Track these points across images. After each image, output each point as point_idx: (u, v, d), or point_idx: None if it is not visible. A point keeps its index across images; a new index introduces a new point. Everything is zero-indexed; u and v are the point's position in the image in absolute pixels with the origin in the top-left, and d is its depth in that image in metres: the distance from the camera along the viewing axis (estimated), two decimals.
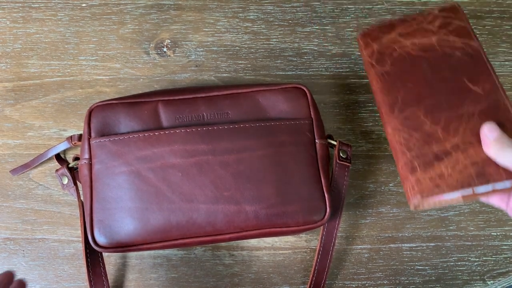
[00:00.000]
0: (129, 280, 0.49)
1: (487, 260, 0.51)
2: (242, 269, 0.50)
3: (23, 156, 0.51)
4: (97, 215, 0.42)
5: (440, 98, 0.40)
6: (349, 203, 0.52)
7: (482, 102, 0.39)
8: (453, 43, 0.42)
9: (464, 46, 0.42)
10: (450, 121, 0.39)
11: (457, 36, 0.42)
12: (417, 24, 0.44)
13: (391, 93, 0.42)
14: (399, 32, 0.44)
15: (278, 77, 0.53)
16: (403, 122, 0.41)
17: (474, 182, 0.36)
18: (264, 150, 0.43)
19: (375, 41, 0.45)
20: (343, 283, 0.50)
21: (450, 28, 0.43)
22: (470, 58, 0.41)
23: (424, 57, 0.42)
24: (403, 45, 0.43)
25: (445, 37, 0.42)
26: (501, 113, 0.38)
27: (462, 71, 0.41)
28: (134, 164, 0.42)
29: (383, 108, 0.43)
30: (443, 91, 0.40)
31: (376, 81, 0.44)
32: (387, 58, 0.43)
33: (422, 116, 0.40)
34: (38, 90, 0.52)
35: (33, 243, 0.50)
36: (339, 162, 0.47)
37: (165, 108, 0.44)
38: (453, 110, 0.39)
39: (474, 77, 0.40)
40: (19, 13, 0.53)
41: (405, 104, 0.41)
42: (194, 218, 0.42)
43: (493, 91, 0.39)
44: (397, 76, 0.43)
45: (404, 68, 0.43)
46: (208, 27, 0.54)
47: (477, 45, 0.42)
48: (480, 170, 0.37)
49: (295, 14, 0.55)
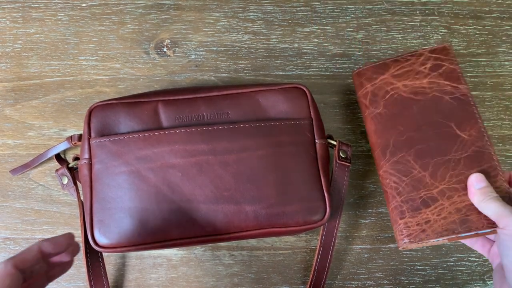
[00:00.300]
0: (129, 280, 0.49)
1: (487, 260, 0.51)
2: (242, 269, 0.50)
3: (23, 156, 0.51)
4: (97, 215, 0.42)
5: (429, 143, 0.42)
6: (349, 203, 0.52)
7: (468, 149, 0.42)
8: (443, 87, 0.44)
9: (453, 90, 0.44)
10: (438, 168, 0.42)
11: (447, 79, 0.44)
12: (410, 65, 0.45)
13: (383, 136, 0.44)
14: (392, 73, 0.46)
15: (278, 77, 0.53)
16: (394, 166, 0.43)
17: (457, 229, 0.39)
18: (264, 150, 0.43)
19: (369, 81, 0.46)
20: (343, 283, 0.50)
21: (441, 70, 0.44)
22: (458, 102, 0.43)
23: (415, 100, 0.44)
24: (395, 87, 0.45)
25: (435, 80, 0.44)
26: (485, 160, 0.41)
27: (450, 116, 0.43)
28: (134, 164, 0.42)
29: (375, 152, 0.45)
30: (432, 136, 0.43)
31: (370, 122, 0.46)
32: (380, 99, 0.45)
33: (412, 161, 0.42)
34: (38, 90, 0.52)
35: (33, 243, 0.49)
36: (339, 162, 0.47)
37: (165, 108, 0.44)
38: (440, 156, 0.42)
39: (461, 122, 0.43)
40: (19, 13, 0.53)
41: (396, 149, 0.43)
42: (194, 218, 0.42)
43: (479, 138, 0.42)
44: (389, 118, 0.45)
45: (396, 111, 0.44)
46: (208, 27, 0.54)
47: (465, 89, 0.44)
48: (463, 217, 0.39)
49: (295, 14, 0.55)
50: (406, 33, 0.55)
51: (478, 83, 0.54)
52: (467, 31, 0.55)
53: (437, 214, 0.40)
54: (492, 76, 0.54)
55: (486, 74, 0.54)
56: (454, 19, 0.55)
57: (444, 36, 0.55)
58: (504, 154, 0.53)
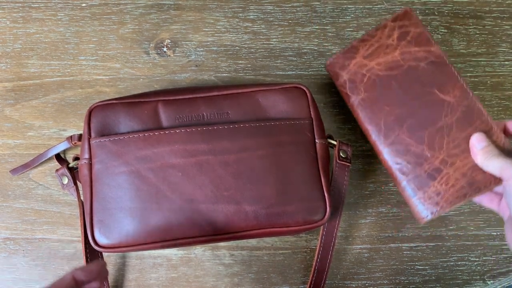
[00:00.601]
0: (129, 280, 0.49)
1: (487, 260, 0.51)
2: (242, 269, 0.50)
3: (23, 156, 0.51)
4: (97, 215, 0.42)
5: (418, 116, 0.42)
6: (349, 203, 0.52)
7: (456, 111, 0.42)
8: (415, 54, 0.43)
9: (426, 54, 0.43)
10: (433, 138, 0.42)
11: (417, 45, 0.43)
12: (377, 41, 0.45)
13: (373, 121, 0.44)
14: (363, 55, 0.45)
15: (278, 77, 0.53)
16: (391, 148, 0.43)
17: (468, 192, 0.40)
18: (264, 150, 0.43)
19: (343, 69, 0.46)
20: (343, 283, 0.50)
21: (408, 38, 0.44)
22: (434, 66, 0.43)
23: (392, 75, 0.44)
24: (370, 68, 0.44)
25: (406, 49, 0.44)
26: (476, 117, 0.41)
27: (430, 82, 0.42)
28: (134, 164, 0.42)
29: (370, 138, 0.45)
30: (419, 108, 0.42)
31: (356, 111, 0.45)
32: (359, 85, 0.45)
33: (407, 138, 0.42)
34: (38, 90, 0.52)
35: (33, 243, 0.50)
36: (339, 162, 0.47)
37: (165, 108, 0.44)
38: (432, 126, 0.42)
39: (443, 86, 0.42)
40: (19, 13, 0.53)
41: (389, 130, 0.43)
42: (194, 218, 0.42)
43: (464, 97, 0.42)
44: (373, 102, 0.44)
45: (377, 93, 0.44)
46: (208, 27, 0.54)
47: (438, 50, 0.43)
48: (470, 180, 0.40)
49: (295, 14, 0.55)
50: None
51: (478, 83, 0.54)
52: (467, 31, 0.55)
53: (445, 184, 0.41)
54: (492, 76, 0.54)
55: (486, 74, 0.54)
56: (454, 19, 0.55)
57: (444, 36, 0.55)
58: None
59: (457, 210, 0.52)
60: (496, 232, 0.52)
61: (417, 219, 0.42)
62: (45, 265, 0.49)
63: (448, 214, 0.52)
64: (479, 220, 0.52)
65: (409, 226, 0.51)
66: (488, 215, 0.52)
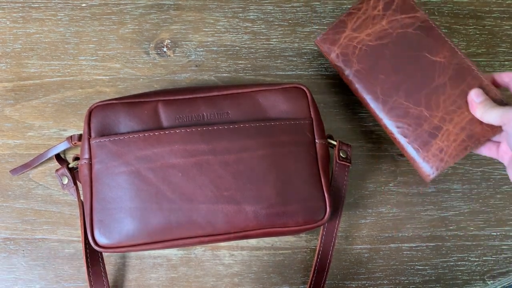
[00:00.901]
0: (129, 280, 0.49)
1: (487, 260, 0.51)
2: (242, 269, 0.50)
3: (23, 156, 0.51)
4: (97, 215, 0.42)
5: (413, 79, 0.45)
6: (349, 203, 0.52)
7: (448, 70, 0.44)
8: (402, 21, 0.46)
9: (413, 20, 0.46)
10: (430, 98, 0.44)
11: (403, 13, 0.46)
12: (364, 13, 0.47)
13: (370, 90, 0.46)
14: (352, 28, 0.47)
15: (278, 77, 0.53)
16: (391, 113, 0.45)
17: (469, 145, 0.43)
18: (264, 150, 0.43)
19: (334, 44, 0.47)
20: (343, 283, 0.50)
21: (394, 6, 0.47)
22: (422, 30, 0.46)
23: (383, 44, 0.46)
24: (360, 40, 0.47)
25: (393, 18, 0.46)
26: (466, 73, 0.44)
27: (420, 46, 0.45)
28: (134, 164, 0.42)
29: (370, 107, 0.46)
30: (413, 72, 0.45)
31: (351, 83, 0.47)
32: (351, 57, 0.47)
33: (405, 102, 0.45)
34: (38, 90, 0.52)
35: (33, 243, 0.50)
36: (339, 162, 0.47)
37: (165, 108, 0.44)
38: (427, 87, 0.45)
39: (432, 48, 0.45)
40: (19, 13, 0.53)
41: (386, 96, 0.45)
42: (194, 218, 0.42)
43: (454, 56, 0.45)
44: (368, 72, 0.46)
45: (371, 63, 0.46)
46: (208, 27, 0.54)
47: (423, 15, 0.46)
48: (469, 132, 0.43)
49: (295, 14, 0.55)
50: None
51: None
52: (467, 31, 0.55)
53: (446, 140, 0.44)
54: None
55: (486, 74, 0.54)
56: (454, 19, 0.55)
57: None
58: None
59: (457, 210, 0.52)
60: (496, 232, 0.52)
61: (424, 178, 0.44)
62: (45, 265, 0.49)
63: (448, 214, 0.52)
64: (479, 220, 0.52)
65: (409, 226, 0.51)
66: (488, 216, 0.52)
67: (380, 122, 0.46)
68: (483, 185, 0.52)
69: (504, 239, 0.52)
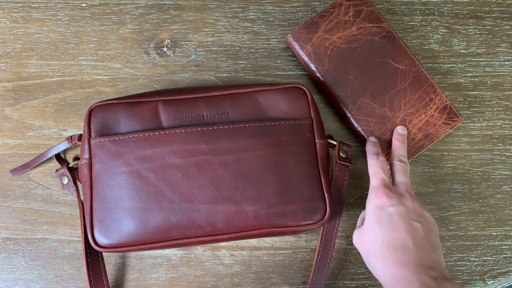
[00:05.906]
0: (129, 280, 0.49)
1: (487, 260, 0.51)
2: (242, 269, 0.50)
3: (23, 156, 0.51)
4: (97, 215, 0.42)
5: (378, 83, 0.50)
6: (349, 203, 0.52)
7: (408, 76, 0.50)
8: (370, 29, 0.51)
9: (379, 30, 0.51)
10: (393, 100, 0.50)
11: (370, 22, 0.51)
12: (336, 17, 0.50)
13: (340, 89, 0.50)
14: (324, 29, 0.50)
15: (278, 77, 0.53)
16: (359, 112, 0.50)
17: (425, 144, 0.50)
18: (264, 150, 0.43)
19: (307, 42, 0.50)
20: (343, 283, 0.50)
21: (362, 15, 0.51)
22: (386, 40, 0.51)
23: (352, 48, 0.51)
24: (332, 42, 0.50)
25: (362, 25, 0.51)
26: (423, 81, 0.50)
27: (385, 54, 0.50)
28: (134, 164, 0.42)
29: (339, 105, 0.50)
30: (378, 76, 0.50)
31: (322, 81, 0.50)
32: (323, 57, 0.50)
33: (371, 102, 0.50)
34: (38, 90, 0.52)
35: (33, 243, 0.50)
36: (339, 162, 0.47)
37: (165, 108, 0.44)
38: (391, 90, 0.50)
39: (395, 56, 0.50)
40: (19, 13, 0.53)
41: (355, 96, 0.50)
42: (194, 218, 0.42)
43: (413, 64, 0.50)
44: (338, 72, 0.50)
45: (341, 63, 0.50)
46: (208, 27, 0.54)
47: (387, 26, 0.51)
48: (425, 133, 0.50)
49: (295, 14, 0.55)
50: (406, 33, 0.55)
51: (478, 83, 0.54)
52: (467, 31, 0.55)
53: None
54: (492, 76, 0.54)
55: (486, 74, 0.54)
56: (454, 19, 0.55)
57: (444, 36, 0.55)
58: (504, 154, 0.53)
59: (457, 210, 0.52)
60: (496, 232, 0.52)
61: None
62: (45, 265, 0.49)
63: (448, 214, 0.52)
64: (479, 220, 0.52)
65: None
66: (488, 216, 0.52)
67: (347, 120, 0.50)
68: (483, 185, 0.52)
69: (504, 239, 0.52)
